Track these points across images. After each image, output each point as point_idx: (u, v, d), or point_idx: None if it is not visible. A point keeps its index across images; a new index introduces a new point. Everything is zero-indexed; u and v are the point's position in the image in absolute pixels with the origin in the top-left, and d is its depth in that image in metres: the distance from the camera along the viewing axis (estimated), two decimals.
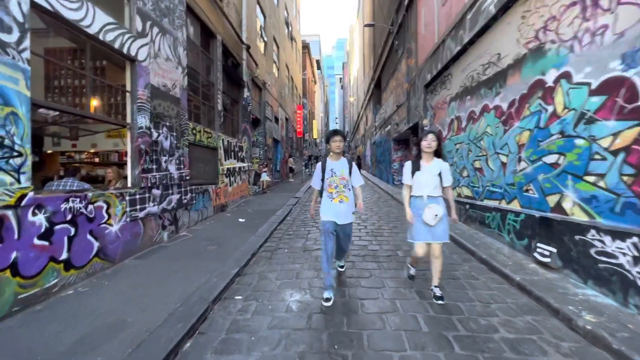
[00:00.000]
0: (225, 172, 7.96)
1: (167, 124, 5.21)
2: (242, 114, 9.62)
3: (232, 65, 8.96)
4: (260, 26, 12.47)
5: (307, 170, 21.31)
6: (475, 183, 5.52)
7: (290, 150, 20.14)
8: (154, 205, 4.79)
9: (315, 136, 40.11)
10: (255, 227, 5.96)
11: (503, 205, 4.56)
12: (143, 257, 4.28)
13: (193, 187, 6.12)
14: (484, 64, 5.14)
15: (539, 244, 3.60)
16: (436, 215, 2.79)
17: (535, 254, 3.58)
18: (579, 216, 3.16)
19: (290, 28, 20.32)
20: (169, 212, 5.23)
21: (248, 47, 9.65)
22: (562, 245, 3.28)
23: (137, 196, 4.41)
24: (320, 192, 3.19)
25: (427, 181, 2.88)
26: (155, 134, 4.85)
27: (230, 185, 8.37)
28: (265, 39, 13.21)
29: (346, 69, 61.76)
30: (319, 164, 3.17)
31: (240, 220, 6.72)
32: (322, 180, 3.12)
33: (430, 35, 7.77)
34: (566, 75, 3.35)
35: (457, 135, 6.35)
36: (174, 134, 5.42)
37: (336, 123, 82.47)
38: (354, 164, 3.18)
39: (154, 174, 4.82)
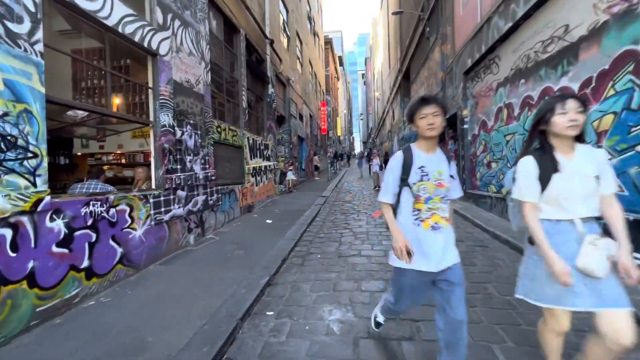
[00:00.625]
0: (251, 171, 7.70)
1: (191, 121, 4.96)
2: (266, 111, 9.33)
3: (256, 60, 8.68)
4: (284, 21, 12.14)
5: (332, 168, 20.82)
6: None
7: (315, 148, 19.78)
8: (179, 207, 4.55)
9: (339, 133, 39.56)
10: (284, 229, 5.60)
11: None
12: (168, 262, 4.04)
13: (219, 187, 5.87)
14: (544, 40, 4.41)
15: (636, 254, 2.90)
16: (609, 258, 1.36)
17: None
18: None
19: (312, 23, 19.91)
20: (195, 214, 4.99)
21: (272, 42, 9.34)
22: None
23: (162, 198, 4.18)
24: (394, 210, 1.73)
25: (580, 190, 1.43)
26: (179, 132, 4.61)
27: (256, 185, 8.10)
28: (289, 33, 12.88)
29: (369, 64, 60.48)
30: (397, 158, 1.70)
31: (268, 221, 6.40)
32: (401, 187, 1.67)
33: (470, 16, 7.01)
34: None
35: (507, 126, 5.61)
36: (198, 132, 5.18)
37: (361, 119, 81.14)
38: (452, 162, 1.74)
39: (179, 174, 4.58)
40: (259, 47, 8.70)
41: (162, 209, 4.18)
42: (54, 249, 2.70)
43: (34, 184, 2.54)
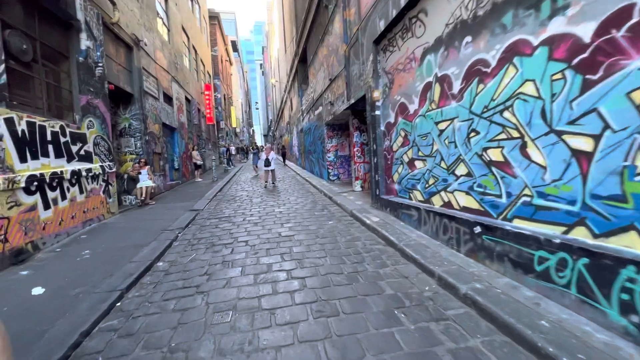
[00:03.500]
0: (21, 185, 4.04)
1: None
2: (78, 77, 5.57)
3: None
4: None
5: (223, 165, 17.37)
6: (490, 187, 3.15)
7: (197, 140, 15.90)
8: None
9: (234, 125, 35.41)
10: (63, 308, 2.53)
11: (577, 237, 2.22)
12: None
13: None
14: None
15: None
16: None
17: None
18: None
19: None
20: None
21: None
22: None
23: None
24: None
25: None
26: None
27: (47, 208, 4.46)
28: None
29: (266, 53, 57.20)
30: None
31: (36, 291, 3.10)
32: None
33: None
34: None
35: (440, 109, 3.93)
36: None
37: (256, 108, 76.89)
38: None
39: None
40: None
41: None
42: None
43: None
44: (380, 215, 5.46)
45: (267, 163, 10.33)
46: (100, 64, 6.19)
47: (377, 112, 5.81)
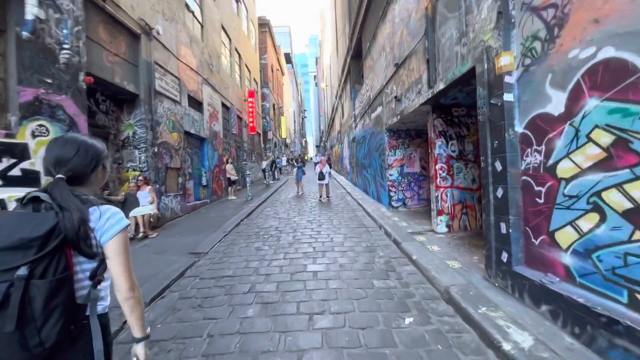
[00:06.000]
0: None
1: None
2: (18, 60, 3.74)
3: None
4: None
5: (266, 181, 15.53)
6: None
7: (236, 152, 14.25)
8: None
9: (284, 135, 34.30)
10: None
11: None
12: None
13: None
14: None
15: None
16: None
17: None
18: None
19: None
20: None
21: None
22: None
23: None
24: None
25: None
26: None
27: None
28: None
29: (319, 63, 56.36)
30: None
31: None
32: None
33: None
34: None
35: None
36: None
37: (304, 117, 76.09)
38: None
39: None
40: None
41: None
42: None
43: None
44: (526, 320, 2.45)
45: (321, 176, 9.76)
46: (67, 47, 4.36)
47: (508, 97, 2.88)
